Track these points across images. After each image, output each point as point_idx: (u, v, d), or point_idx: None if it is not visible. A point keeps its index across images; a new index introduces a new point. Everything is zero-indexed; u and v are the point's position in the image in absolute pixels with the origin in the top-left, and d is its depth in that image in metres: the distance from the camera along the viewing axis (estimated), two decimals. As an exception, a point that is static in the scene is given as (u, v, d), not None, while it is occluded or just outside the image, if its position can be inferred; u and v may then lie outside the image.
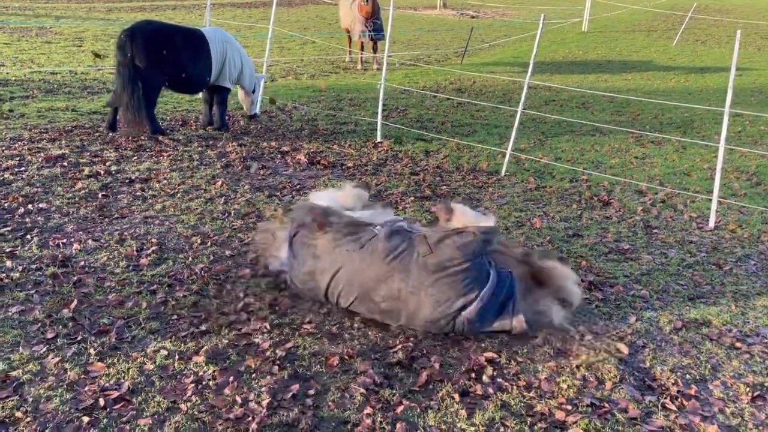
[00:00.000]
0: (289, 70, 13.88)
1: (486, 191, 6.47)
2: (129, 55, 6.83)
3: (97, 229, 4.83)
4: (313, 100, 10.67)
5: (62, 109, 8.40)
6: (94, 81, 10.58)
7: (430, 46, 18.90)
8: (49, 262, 4.21)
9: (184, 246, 4.68)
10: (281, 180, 6.41)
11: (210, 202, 5.61)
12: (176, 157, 6.84)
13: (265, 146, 7.58)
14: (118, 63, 6.96)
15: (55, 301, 3.74)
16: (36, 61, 11.87)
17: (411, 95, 11.70)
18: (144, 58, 6.89)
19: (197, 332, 3.58)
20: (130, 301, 3.84)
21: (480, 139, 8.48)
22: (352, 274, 3.70)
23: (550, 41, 19.31)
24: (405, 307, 3.63)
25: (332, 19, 26.34)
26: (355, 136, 8.44)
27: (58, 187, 5.59)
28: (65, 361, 3.21)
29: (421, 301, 3.59)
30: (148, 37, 6.99)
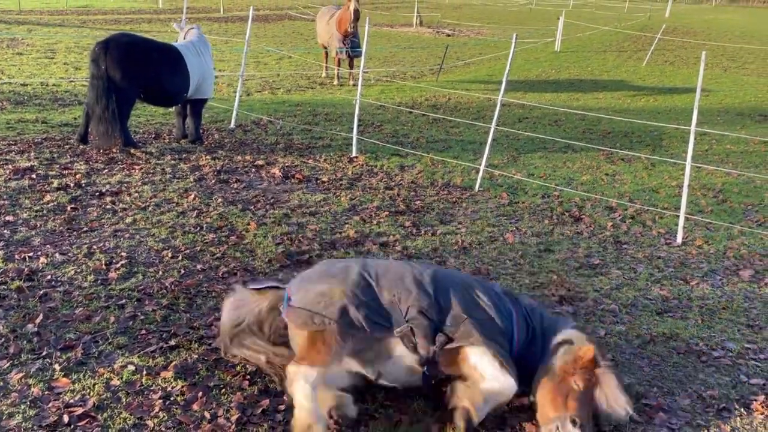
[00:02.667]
0: (265, 84, 13.86)
1: (460, 206, 6.52)
2: (103, 67, 6.78)
3: (65, 243, 4.74)
4: (288, 114, 10.67)
5: (32, 121, 8.27)
6: (66, 93, 10.44)
7: (406, 63, 19.07)
8: (15, 275, 4.12)
9: (154, 260, 4.62)
10: (255, 194, 6.38)
11: (182, 216, 5.56)
12: (148, 170, 6.77)
13: (240, 160, 7.54)
14: (92, 75, 6.90)
15: (19, 316, 3.66)
16: (6, 73, 11.69)
17: (386, 111, 11.77)
18: (118, 70, 6.84)
19: (166, 347, 3.52)
20: (97, 315, 3.77)
21: (454, 154, 8.55)
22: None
23: (524, 60, 19.64)
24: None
25: (309, 35, 26.44)
26: (330, 150, 8.45)
27: (26, 199, 5.49)
28: (29, 376, 3.13)
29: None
30: (122, 49, 6.94)
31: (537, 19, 36.88)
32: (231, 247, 4.98)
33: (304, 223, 5.66)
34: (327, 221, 5.77)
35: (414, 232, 5.67)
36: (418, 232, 5.68)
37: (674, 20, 37.78)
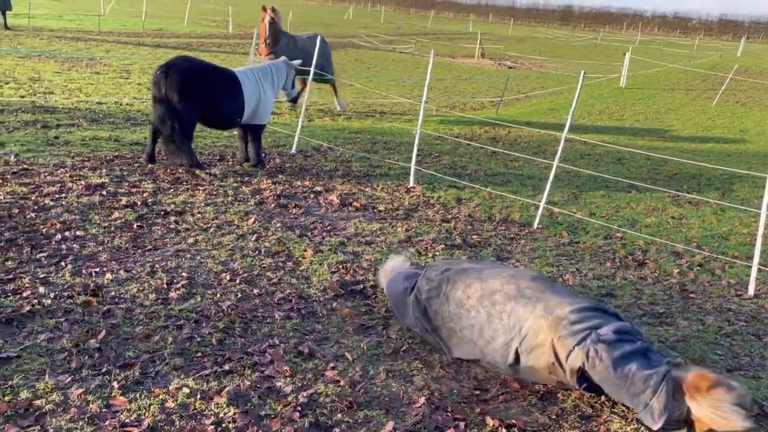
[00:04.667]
0: (326, 111, 14.11)
1: (518, 243, 6.39)
2: (163, 90, 7.05)
3: (130, 260, 4.88)
4: (348, 141, 10.80)
5: (105, 138, 8.63)
6: (138, 113, 10.89)
7: (466, 94, 19.10)
8: (81, 290, 4.25)
9: (213, 282, 4.70)
10: (313, 220, 6.43)
11: (241, 239, 5.65)
12: (212, 191, 6.94)
13: (299, 185, 7.65)
14: (153, 98, 7.21)
15: (83, 331, 3.76)
16: (84, 91, 12.29)
17: (445, 142, 11.76)
18: (177, 93, 7.10)
19: (221, 371, 3.55)
20: (156, 335, 3.84)
21: (513, 189, 8.44)
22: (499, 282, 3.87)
23: (587, 95, 19.36)
24: (544, 300, 3.66)
25: (371, 63, 26.89)
26: (387, 179, 8.47)
27: (96, 215, 5.70)
28: (88, 392, 3.20)
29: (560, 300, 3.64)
30: (181, 73, 7.20)
31: (602, 55, 36.41)
32: (287, 273, 5.02)
33: (360, 252, 5.66)
34: (382, 251, 5.75)
35: (470, 268, 5.57)
36: (474, 268, 5.58)
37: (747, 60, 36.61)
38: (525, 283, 3.78)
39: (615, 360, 3.21)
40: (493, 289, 3.77)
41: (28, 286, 4.21)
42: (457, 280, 3.99)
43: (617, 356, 3.22)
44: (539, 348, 3.48)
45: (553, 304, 3.57)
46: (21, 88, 11.61)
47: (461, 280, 3.97)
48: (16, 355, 3.43)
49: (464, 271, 4.07)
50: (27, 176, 6.51)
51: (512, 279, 3.82)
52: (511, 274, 3.93)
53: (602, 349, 3.24)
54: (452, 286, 3.97)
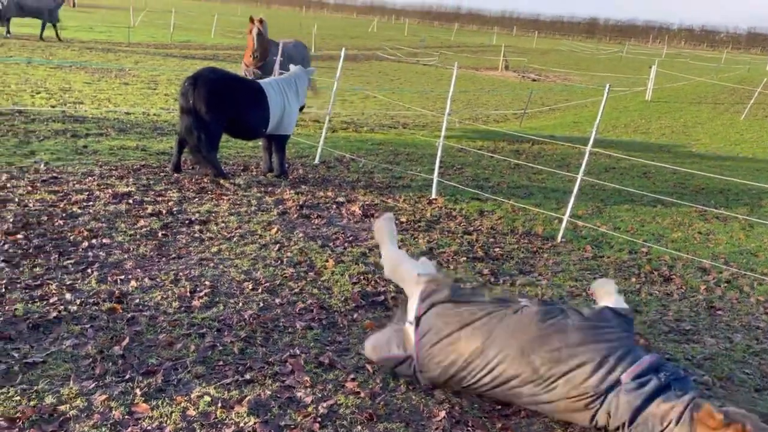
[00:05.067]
0: (349, 122, 14.19)
1: (540, 257, 6.33)
2: (191, 101, 7.15)
3: (155, 268, 4.94)
4: (370, 153, 10.84)
5: (133, 148, 8.78)
6: (165, 123, 11.06)
7: (489, 107, 19.07)
8: (106, 297, 4.31)
9: (235, 291, 4.73)
10: (335, 230, 6.45)
11: (264, 248, 5.68)
12: (235, 201, 7.01)
13: (322, 196, 7.68)
14: (181, 109, 7.32)
15: (107, 337, 3.81)
16: (113, 101, 12.53)
17: (468, 154, 11.74)
18: (204, 104, 7.20)
19: (242, 380, 3.56)
20: (179, 342, 3.87)
21: (536, 202, 8.38)
22: (506, 336, 3.43)
23: (612, 108, 19.19)
24: (562, 372, 3.32)
25: (394, 75, 27.01)
26: (409, 191, 8.47)
27: (122, 223, 5.78)
28: (111, 399, 3.23)
29: (581, 363, 3.30)
30: (209, 84, 7.31)
31: (627, 68, 36.11)
32: (309, 283, 5.03)
33: (380, 264, 5.65)
34: (404, 263, 5.73)
35: (492, 281, 5.54)
36: (496, 281, 5.55)
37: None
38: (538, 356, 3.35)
39: (636, 408, 3.17)
40: (507, 377, 3.40)
41: (55, 292, 4.28)
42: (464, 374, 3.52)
43: (639, 404, 3.18)
44: (562, 413, 3.42)
45: (574, 373, 3.29)
46: (52, 98, 11.87)
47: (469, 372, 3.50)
48: (42, 360, 3.49)
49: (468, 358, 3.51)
50: (56, 184, 6.64)
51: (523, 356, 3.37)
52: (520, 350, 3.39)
53: (624, 402, 3.19)
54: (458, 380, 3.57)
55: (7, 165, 7.06)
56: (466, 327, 3.50)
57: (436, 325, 3.57)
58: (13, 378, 3.29)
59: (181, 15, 42.00)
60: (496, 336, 3.42)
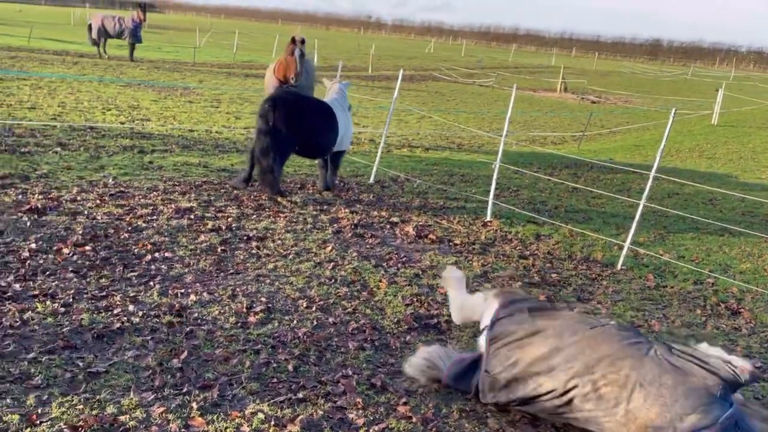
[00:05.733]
0: (404, 142, 14.25)
1: (600, 284, 6.15)
2: (270, 123, 7.34)
3: (213, 283, 5.05)
4: (425, 173, 10.83)
5: (195, 164, 9.05)
6: (226, 140, 11.38)
7: (546, 128, 18.81)
8: (167, 310, 4.43)
9: (290, 308, 4.78)
10: (388, 250, 6.45)
11: (319, 267, 5.73)
12: (292, 218, 7.11)
13: (376, 215, 7.71)
14: (259, 130, 7.47)
15: (167, 350, 3.90)
16: (177, 119, 13.00)
17: (524, 176, 11.58)
18: (283, 126, 7.39)
19: (294, 399, 3.58)
20: (235, 358, 3.93)
21: (595, 227, 8.16)
22: (576, 349, 3.27)
23: (676, 132, 18.61)
24: (625, 399, 3.13)
25: (450, 95, 27.03)
26: (464, 212, 8.41)
27: (183, 238, 5.95)
28: (169, 411, 3.30)
29: (649, 397, 3.08)
30: (288, 107, 7.53)
31: (692, 90, 35.03)
32: (362, 303, 5.04)
33: (435, 286, 5.61)
34: (458, 286, 5.67)
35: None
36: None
37: None
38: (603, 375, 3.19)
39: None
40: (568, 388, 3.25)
41: (119, 303, 4.43)
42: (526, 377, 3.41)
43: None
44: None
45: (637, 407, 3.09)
46: (121, 114, 12.41)
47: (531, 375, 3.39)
48: (105, 370, 3.60)
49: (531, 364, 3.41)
50: (123, 198, 6.91)
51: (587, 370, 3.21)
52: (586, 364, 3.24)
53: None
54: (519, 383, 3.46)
55: (78, 179, 7.40)
56: (537, 334, 3.44)
57: (510, 329, 3.54)
58: (77, 387, 3.41)
59: (244, 36, 43.38)
60: (566, 346, 3.31)
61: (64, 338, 3.85)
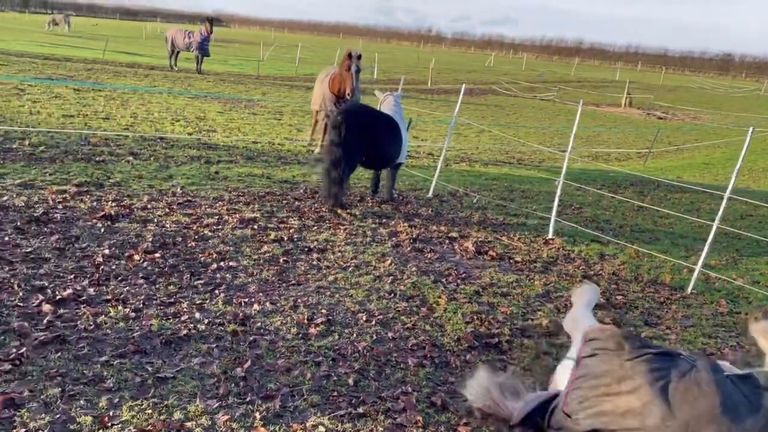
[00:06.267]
0: (463, 156, 14.18)
1: (669, 308, 5.91)
2: (343, 135, 7.45)
3: (275, 293, 5.13)
4: (484, 188, 10.73)
5: (259, 175, 9.26)
6: (288, 152, 11.60)
7: (610, 144, 18.35)
8: (231, 318, 4.52)
9: (350, 321, 4.79)
10: (447, 266, 6.40)
11: (378, 280, 5.74)
12: (352, 231, 7.16)
13: (435, 230, 7.68)
14: (331, 141, 7.58)
15: (231, 359, 3.98)
16: (242, 130, 13.35)
17: (587, 193, 11.31)
18: (354, 137, 7.54)
19: (355, 413, 3.58)
20: (296, 369, 3.97)
21: (663, 248, 7.87)
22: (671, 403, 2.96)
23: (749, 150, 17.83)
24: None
25: (510, 110, 26.77)
26: (525, 229, 8.27)
27: (247, 248, 6.08)
28: (233, 420, 3.36)
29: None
30: (360, 120, 7.70)
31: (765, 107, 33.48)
32: (421, 319, 5.01)
33: (495, 304, 5.52)
34: (519, 305, 5.57)
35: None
36: (618, 332, 5.23)
37: None
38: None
39: None
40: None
41: (186, 311, 4.56)
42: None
43: None
44: None
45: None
46: (189, 125, 12.85)
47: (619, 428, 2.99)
48: (172, 376, 3.70)
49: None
50: (190, 207, 7.12)
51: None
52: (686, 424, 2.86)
53: None
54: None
55: (148, 187, 7.69)
56: (627, 380, 3.13)
57: (597, 370, 3.22)
58: (147, 391, 3.51)
59: (306, 49, 44.30)
60: (660, 400, 3.00)
61: (135, 343, 3.98)
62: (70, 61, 23.26)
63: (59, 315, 4.19)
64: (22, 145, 8.82)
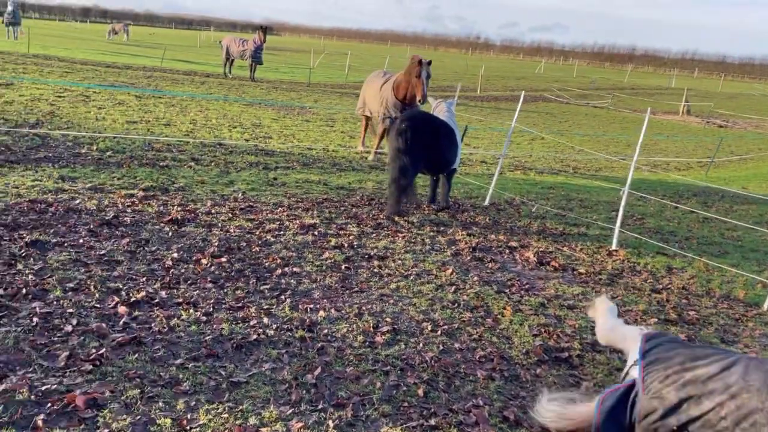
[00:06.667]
0: (517, 164, 13.98)
1: (745, 325, 5.65)
2: (408, 142, 7.46)
3: (339, 300, 5.13)
4: (541, 197, 10.54)
5: (316, 182, 9.33)
6: (342, 159, 11.66)
7: (669, 153, 17.81)
8: (298, 324, 4.53)
9: (415, 330, 4.75)
10: (510, 276, 6.29)
11: (440, 289, 5.68)
12: (410, 239, 7.12)
13: (494, 239, 7.57)
14: (397, 149, 7.57)
15: (300, 365, 3.98)
16: (296, 137, 13.51)
17: (648, 203, 10.99)
18: (419, 144, 7.58)
19: (427, 426, 3.52)
20: (365, 378, 3.94)
21: (733, 262, 7.55)
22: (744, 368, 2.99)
23: (817, 159, 17.02)
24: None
25: (562, 117, 26.32)
26: (586, 240, 8.07)
27: (309, 254, 6.11)
28: (307, 428, 3.35)
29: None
30: (423, 126, 7.74)
31: (834, 114, 32.00)
32: (487, 330, 4.92)
33: (562, 317, 5.38)
34: (586, 318, 5.41)
35: (688, 348, 5.02)
36: (692, 349, 5.02)
37: None
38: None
39: None
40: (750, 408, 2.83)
41: (254, 315, 4.59)
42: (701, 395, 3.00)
43: None
44: None
45: None
46: (246, 132, 13.08)
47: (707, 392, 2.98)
48: (245, 380, 3.72)
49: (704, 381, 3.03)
50: (252, 212, 7.22)
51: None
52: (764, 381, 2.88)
53: None
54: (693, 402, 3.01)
55: (211, 192, 7.83)
56: (698, 359, 3.07)
57: (666, 356, 3.17)
58: (222, 395, 3.54)
59: (356, 57, 44.64)
60: (734, 367, 2.95)
61: (207, 346, 4.02)
62: (130, 69, 24.06)
63: (134, 317, 4.28)
64: (91, 150, 9.13)
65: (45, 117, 11.40)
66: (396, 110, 10.65)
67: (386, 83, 11.03)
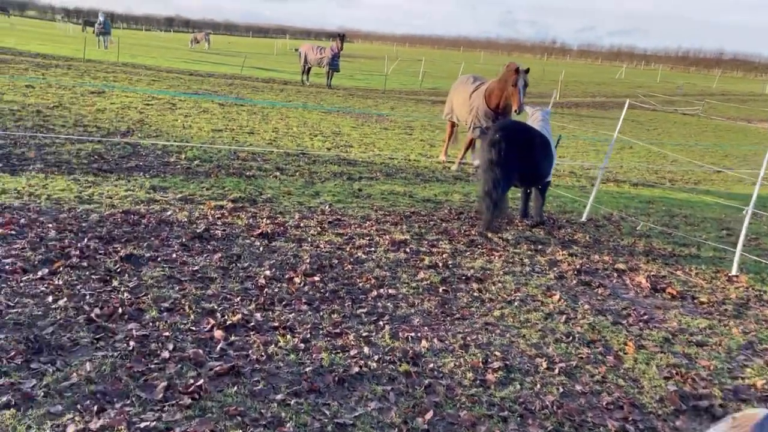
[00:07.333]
0: (609, 176, 13.17)
1: None
2: (502, 153, 7.01)
3: (441, 328, 4.72)
4: (641, 212, 9.79)
5: (401, 194, 8.97)
6: (425, 169, 11.27)
7: (774, 165, 16.43)
8: (401, 356, 4.16)
9: (529, 368, 4.28)
10: (624, 305, 5.70)
11: (549, 319, 5.17)
12: (507, 258, 6.64)
13: (598, 260, 6.97)
14: (490, 161, 7.10)
15: (409, 406, 3.60)
16: (377, 146, 13.22)
17: (760, 220, 10.03)
18: (513, 156, 7.11)
19: (559, 489, 3.06)
20: (482, 425, 3.51)
21: None
22: None
23: None
24: None
25: (649, 124, 24.99)
26: (699, 262, 7.33)
27: (403, 273, 5.74)
28: (425, 486, 2.96)
29: None
30: (517, 137, 7.27)
31: None
32: (610, 370, 4.39)
33: (693, 356, 4.77)
34: (720, 358, 4.78)
35: None
36: None
37: None
38: None
39: None
40: None
41: (354, 344, 4.25)
42: None
43: None
44: None
45: None
46: (327, 140, 12.91)
47: None
48: (351, 423, 3.37)
49: None
50: (340, 226, 6.93)
51: None
52: None
53: None
54: None
55: (298, 204, 7.61)
56: None
57: None
58: (328, 439, 3.21)
59: (429, 63, 44.26)
60: None
61: (308, 379, 3.71)
62: (212, 77, 24.60)
63: (231, 342, 4.03)
64: (179, 159, 9.14)
65: (135, 125, 11.61)
66: (487, 119, 10.17)
67: (476, 91, 10.54)
